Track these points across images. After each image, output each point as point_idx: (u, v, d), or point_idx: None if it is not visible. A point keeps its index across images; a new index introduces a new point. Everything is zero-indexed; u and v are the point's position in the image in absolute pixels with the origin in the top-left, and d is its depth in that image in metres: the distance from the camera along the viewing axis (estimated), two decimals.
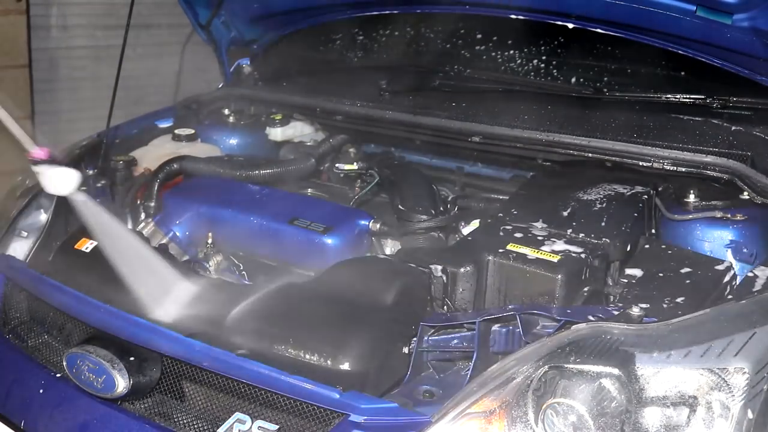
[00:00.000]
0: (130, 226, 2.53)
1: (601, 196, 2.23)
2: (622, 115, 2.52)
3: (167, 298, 1.90)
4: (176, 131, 2.89)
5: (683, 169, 2.28)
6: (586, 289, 1.91)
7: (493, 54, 2.92)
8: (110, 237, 2.01)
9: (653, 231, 2.25)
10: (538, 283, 1.88)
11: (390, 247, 2.37)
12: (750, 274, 1.85)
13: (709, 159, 2.26)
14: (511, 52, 2.88)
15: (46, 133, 5.26)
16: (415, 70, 3.01)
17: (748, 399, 1.50)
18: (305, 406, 1.65)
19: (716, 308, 1.65)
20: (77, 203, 1.97)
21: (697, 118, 2.45)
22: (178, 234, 2.40)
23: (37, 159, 1.87)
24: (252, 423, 1.69)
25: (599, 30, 2.56)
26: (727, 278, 1.96)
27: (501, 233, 2.05)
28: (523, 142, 2.48)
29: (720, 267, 1.99)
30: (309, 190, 2.70)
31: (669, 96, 2.52)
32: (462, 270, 1.93)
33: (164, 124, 3.01)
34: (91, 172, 2.57)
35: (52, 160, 1.88)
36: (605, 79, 2.68)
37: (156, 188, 2.51)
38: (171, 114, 3.06)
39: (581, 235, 2.03)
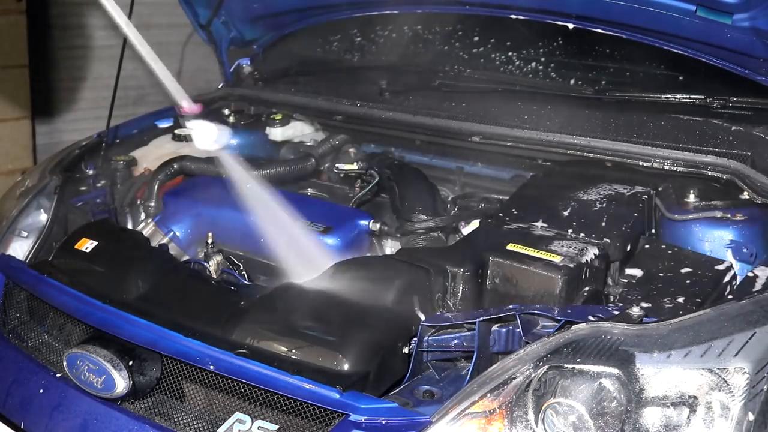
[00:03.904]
0: (130, 226, 2.53)
1: (601, 196, 2.23)
2: (622, 115, 2.52)
3: (308, 263, 1.98)
4: (176, 131, 2.89)
5: (683, 169, 2.29)
6: (586, 289, 1.91)
7: (493, 54, 2.92)
8: (253, 198, 2.11)
9: (653, 231, 2.25)
10: (538, 283, 1.88)
11: (390, 247, 2.37)
12: (750, 274, 1.85)
13: (709, 159, 2.26)
14: (511, 52, 2.89)
15: (46, 133, 5.27)
16: (415, 70, 3.01)
17: (748, 399, 1.50)
18: (305, 406, 1.65)
19: (716, 308, 1.65)
20: (222, 160, 2.07)
21: (697, 118, 2.45)
22: (178, 234, 2.40)
23: (188, 114, 1.93)
24: (252, 423, 1.69)
25: (599, 30, 2.56)
26: (727, 278, 1.96)
27: (501, 233, 2.05)
28: (523, 142, 2.48)
29: (720, 267, 1.99)
30: (309, 190, 2.70)
31: (669, 96, 2.52)
32: (462, 270, 1.94)
33: (164, 124, 3.01)
34: (91, 172, 2.57)
35: (203, 117, 1.94)
36: (605, 79, 2.69)
37: (156, 188, 2.51)
38: (171, 114, 3.06)
39: (581, 235, 2.03)
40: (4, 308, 2.18)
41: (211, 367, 1.73)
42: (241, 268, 2.29)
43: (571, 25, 2.61)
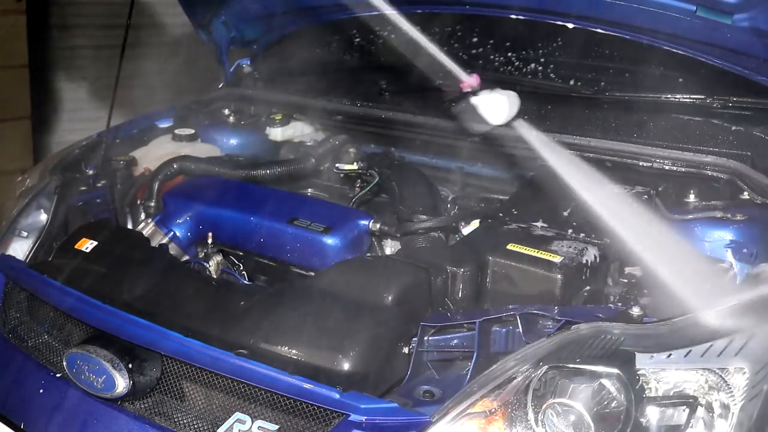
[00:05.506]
0: (130, 226, 2.53)
1: None
2: (622, 115, 2.52)
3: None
4: (176, 131, 2.89)
5: (683, 169, 2.29)
6: (586, 289, 1.91)
7: (493, 54, 2.92)
8: (566, 164, 1.88)
9: None
10: (538, 283, 1.88)
11: (390, 247, 2.37)
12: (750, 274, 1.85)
13: (709, 159, 2.26)
14: (511, 52, 2.88)
15: (46, 133, 5.28)
16: (415, 70, 3.00)
17: (748, 399, 1.50)
18: (305, 406, 1.65)
19: (716, 308, 1.65)
20: (520, 129, 1.84)
21: (697, 118, 2.45)
22: (178, 234, 2.40)
23: (470, 89, 1.75)
24: (252, 423, 1.69)
25: (599, 30, 2.55)
26: (727, 278, 1.96)
27: (501, 233, 2.05)
28: (524, 142, 2.48)
29: (720, 267, 1.99)
30: (309, 190, 2.70)
31: (669, 96, 2.52)
32: (462, 270, 1.94)
33: (164, 124, 3.01)
34: (91, 172, 2.57)
35: (483, 87, 1.73)
36: (605, 79, 2.68)
37: (156, 188, 2.51)
38: (171, 114, 3.06)
39: (581, 235, 2.03)
40: (4, 308, 2.18)
41: (212, 367, 1.73)
42: (241, 268, 2.29)
43: (571, 25, 2.60)
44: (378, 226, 2.25)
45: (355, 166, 2.60)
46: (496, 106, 1.81)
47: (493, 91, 1.80)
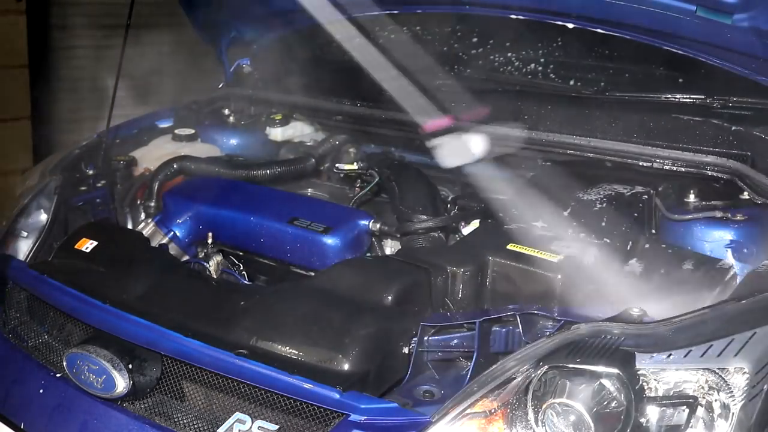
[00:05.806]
0: (130, 226, 2.53)
1: (601, 196, 2.23)
2: (622, 115, 2.52)
3: None
4: (176, 131, 2.89)
5: (683, 169, 2.29)
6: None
7: (493, 54, 2.92)
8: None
9: (653, 231, 2.25)
10: (538, 283, 1.88)
11: (390, 247, 2.37)
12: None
13: (709, 159, 2.26)
14: (511, 52, 2.88)
15: (46, 133, 5.27)
16: (414, 70, 3.00)
17: (748, 399, 1.50)
18: (305, 406, 1.65)
19: (716, 308, 1.65)
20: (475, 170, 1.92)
21: (697, 118, 2.45)
22: (178, 234, 2.40)
23: (435, 130, 1.83)
24: (252, 423, 1.69)
25: (599, 30, 2.55)
26: (727, 278, 1.96)
27: (501, 233, 2.05)
28: (524, 142, 2.48)
29: (720, 267, 1.99)
30: (309, 190, 2.70)
31: (669, 96, 2.51)
32: (462, 270, 1.94)
33: (164, 124, 3.01)
34: (91, 172, 2.57)
35: (451, 129, 1.84)
36: (605, 79, 2.68)
37: (156, 188, 2.51)
38: (171, 114, 3.06)
39: (581, 235, 2.03)
40: (4, 308, 2.18)
41: (212, 367, 1.73)
42: (241, 268, 2.29)
43: (571, 25, 2.60)
44: (378, 226, 2.25)
45: (355, 166, 2.60)
46: (456, 149, 1.90)
47: (454, 136, 1.88)
